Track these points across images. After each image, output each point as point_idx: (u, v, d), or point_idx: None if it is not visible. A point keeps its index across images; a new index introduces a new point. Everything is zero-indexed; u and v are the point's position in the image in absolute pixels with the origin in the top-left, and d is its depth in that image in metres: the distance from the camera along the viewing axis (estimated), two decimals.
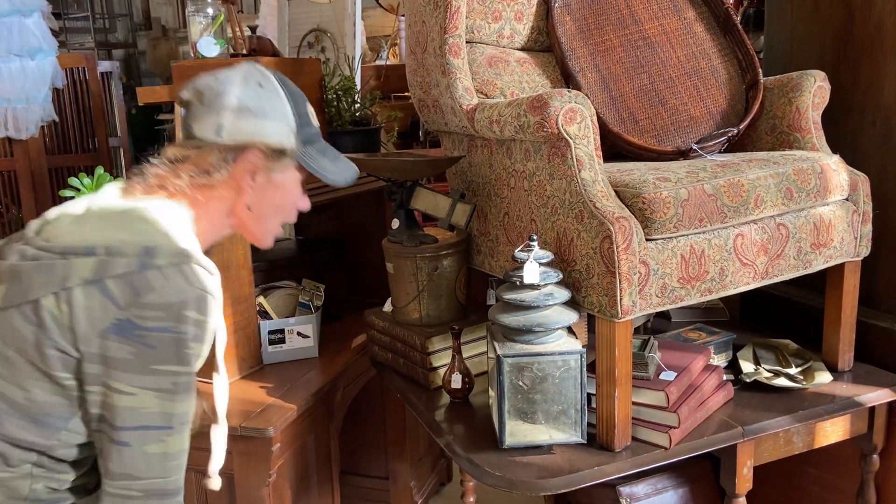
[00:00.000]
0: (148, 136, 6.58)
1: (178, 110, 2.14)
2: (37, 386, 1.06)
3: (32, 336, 1.04)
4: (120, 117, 3.85)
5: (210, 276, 1.12)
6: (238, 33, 2.36)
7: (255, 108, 1.17)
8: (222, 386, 1.27)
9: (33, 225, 1.16)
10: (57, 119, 3.23)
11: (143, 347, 1.03)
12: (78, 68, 3.41)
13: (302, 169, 1.25)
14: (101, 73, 3.57)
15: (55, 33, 3.20)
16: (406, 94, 3.19)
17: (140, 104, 2.22)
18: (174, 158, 1.19)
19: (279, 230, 1.29)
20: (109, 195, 1.19)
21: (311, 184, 2.22)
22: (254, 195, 1.21)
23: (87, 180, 1.76)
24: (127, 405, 1.04)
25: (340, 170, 1.29)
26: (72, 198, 1.74)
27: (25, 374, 1.06)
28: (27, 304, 1.04)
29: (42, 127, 3.20)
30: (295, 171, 1.25)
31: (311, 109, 1.28)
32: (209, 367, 1.25)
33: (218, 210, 1.21)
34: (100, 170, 1.79)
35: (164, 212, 1.13)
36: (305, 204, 1.31)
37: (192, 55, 2.19)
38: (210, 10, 2.16)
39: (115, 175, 1.83)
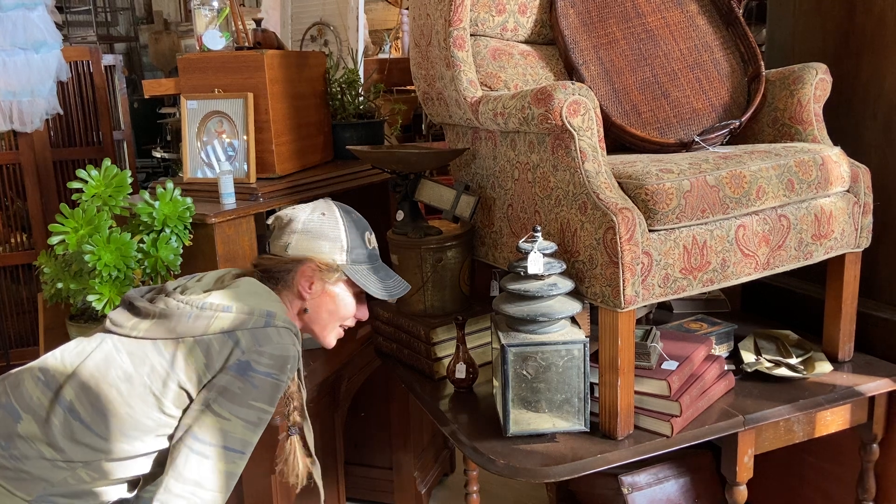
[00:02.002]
0: (150, 129, 6.59)
1: (184, 103, 2.16)
2: (144, 405, 1.24)
3: (162, 368, 1.25)
4: (123, 111, 3.86)
5: (298, 351, 1.35)
6: (241, 27, 2.37)
7: (315, 230, 1.44)
8: (310, 431, 1.52)
9: (170, 284, 1.40)
10: (62, 112, 3.24)
11: (249, 385, 1.24)
12: (82, 62, 3.42)
13: (353, 283, 1.46)
14: (105, 67, 3.58)
15: (58, 27, 3.21)
16: (408, 87, 3.20)
17: (146, 96, 2.24)
18: (254, 264, 1.48)
19: (339, 332, 1.51)
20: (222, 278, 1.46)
21: (315, 177, 2.24)
22: (310, 301, 1.44)
23: (94, 172, 1.77)
24: (219, 426, 1.23)
25: (388, 287, 1.49)
26: (79, 190, 1.76)
27: (138, 395, 1.24)
28: (169, 340, 1.26)
29: (47, 120, 3.21)
30: (346, 284, 1.47)
31: (368, 236, 1.51)
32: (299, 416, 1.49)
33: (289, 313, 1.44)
34: (107, 162, 1.81)
35: (272, 294, 1.39)
36: (362, 314, 1.52)
37: (198, 48, 2.20)
38: (215, 3, 2.18)
39: (120, 168, 1.84)
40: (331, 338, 1.50)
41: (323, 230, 1.44)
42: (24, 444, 1.22)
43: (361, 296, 1.51)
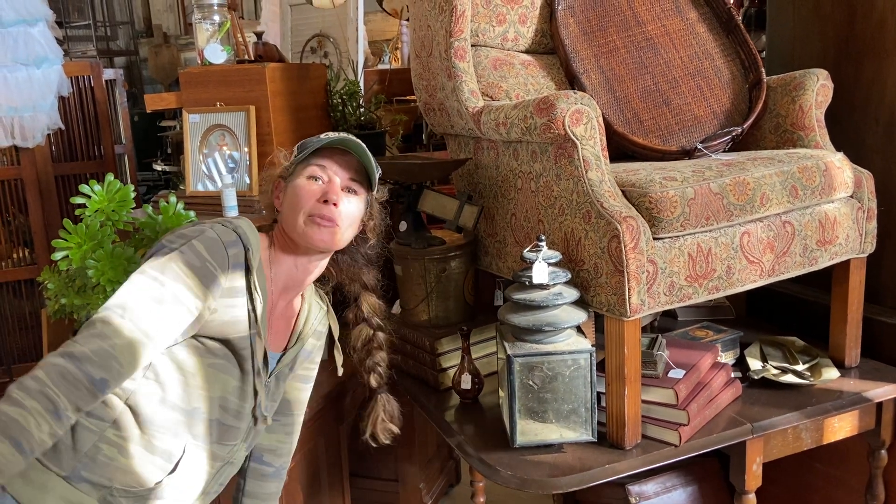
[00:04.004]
0: (151, 143, 6.60)
1: (186, 117, 2.16)
2: None
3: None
4: (124, 125, 3.87)
5: (238, 244, 1.26)
6: (242, 40, 2.38)
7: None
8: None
9: None
10: (63, 127, 3.25)
11: (153, 251, 1.23)
12: (83, 76, 3.43)
13: (303, 165, 1.37)
14: (106, 81, 3.59)
15: (59, 42, 3.22)
16: (409, 97, 3.20)
17: (148, 111, 2.24)
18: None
19: (318, 220, 1.33)
20: None
21: None
22: (282, 208, 1.38)
23: (97, 187, 1.77)
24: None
25: (329, 137, 1.36)
26: (82, 205, 1.76)
27: None
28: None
29: (48, 135, 3.22)
30: (298, 172, 1.37)
31: (327, 133, 1.40)
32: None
33: (277, 242, 1.39)
34: (110, 176, 1.80)
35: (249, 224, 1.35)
36: (328, 194, 1.34)
37: (199, 62, 2.21)
38: (216, 17, 2.18)
39: (122, 182, 1.84)
40: (307, 229, 1.33)
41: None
42: None
43: (320, 177, 1.35)
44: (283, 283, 1.40)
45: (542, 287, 1.51)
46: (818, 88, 1.84)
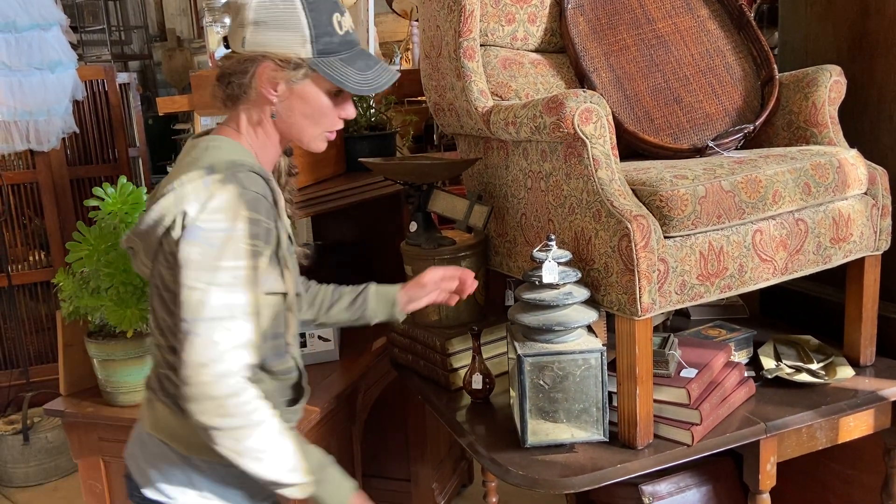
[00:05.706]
0: (165, 145, 6.66)
1: (197, 120, 2.18)
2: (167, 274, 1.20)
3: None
4: (138, 128, 3.90)
5: (262, 181, 1.20)
6: None
7: (268, 19, 1.19)
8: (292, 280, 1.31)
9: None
10: (77, 131, 3.28)
11: (206, 246, 1.13)
12: (97, 80, 3.47)
13: (322, 76, 1.22)
14: (120, 85, 3.62)
15: (73, 46, 3.25)
16: (419, 98, 3.20)
17: (160, 114, 2.26)
18: (217, 65, 1.30)
19: (327, 135, 1.30)
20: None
21: (327, 190, 2.25)
22: (279, 105, 1.24)
23: (111, 190, 1.79)
24: (195, 298, 1.12)
25: (369, 78, 1.24)
26: (96, 208, 1.78)
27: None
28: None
29: (63, 139, 3.25)
30: (317, 80, 1.23)
31: (338, 19, 1.23)
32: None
33: (262, 135, 1.28)
34: (122, 179, 1.82)
35: (221, 142, 1.25)
36: (347, 112, 1.29)
37: (211, 65, 2.22)
38: (227, 20, 2.19)
39: (136, 184, 1.85)
40: (316, 143, 1.29)
41: (278, 18, 1.19)
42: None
43: (341, 91, 1.26)
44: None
45: (552, 286, 1.51)
46: (831, 84, 1.83)
